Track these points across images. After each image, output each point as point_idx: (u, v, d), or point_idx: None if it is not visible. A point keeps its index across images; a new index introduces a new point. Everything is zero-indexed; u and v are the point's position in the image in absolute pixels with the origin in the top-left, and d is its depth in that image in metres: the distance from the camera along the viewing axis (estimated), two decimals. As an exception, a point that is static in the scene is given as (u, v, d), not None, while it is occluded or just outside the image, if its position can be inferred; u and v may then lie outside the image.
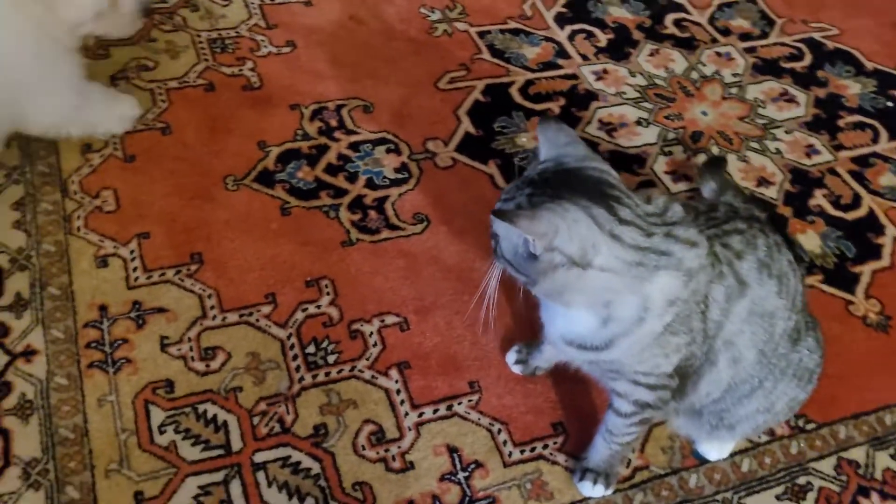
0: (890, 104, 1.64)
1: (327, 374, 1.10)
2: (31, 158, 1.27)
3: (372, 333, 1.16)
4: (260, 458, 1.02)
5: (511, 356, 1.15)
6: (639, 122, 1.52)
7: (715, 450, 1.09)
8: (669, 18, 1.75)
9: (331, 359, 1.12)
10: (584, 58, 1.62)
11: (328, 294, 1.19)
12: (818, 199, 1.45)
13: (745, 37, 1.74)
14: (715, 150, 1.48)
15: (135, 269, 1.17)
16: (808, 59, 1.71)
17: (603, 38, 1.67)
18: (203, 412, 1.05)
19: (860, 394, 1.20)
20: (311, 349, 1.12)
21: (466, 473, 1.04)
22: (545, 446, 1.08)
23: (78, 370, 1.06)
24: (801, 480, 1.10)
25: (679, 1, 1.79)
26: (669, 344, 0.84)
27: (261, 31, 1.55)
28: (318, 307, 1.17)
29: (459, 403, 1.10)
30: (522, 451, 1.07)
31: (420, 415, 1.08)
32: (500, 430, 1.09)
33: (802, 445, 1.13)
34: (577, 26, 1.69)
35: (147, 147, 1.32)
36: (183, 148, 1.33)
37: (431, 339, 1.16)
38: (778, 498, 1.08)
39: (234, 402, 1.06)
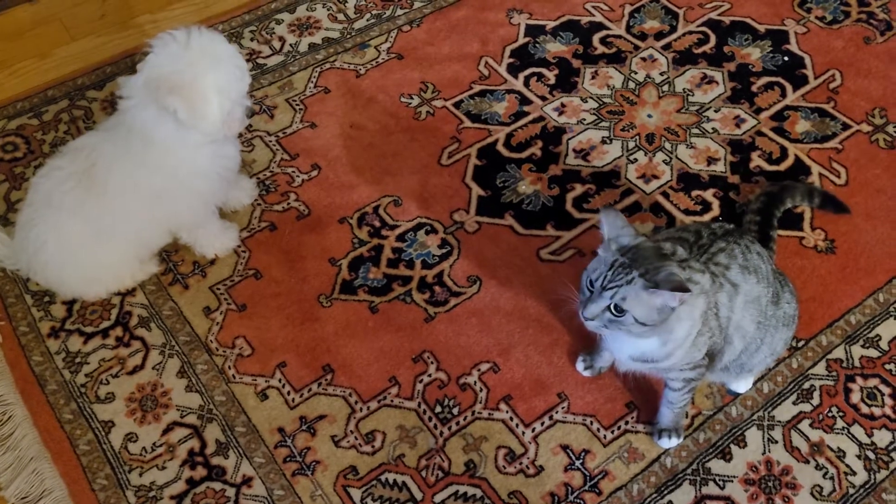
0: (786, 58, 2.04)
1: (457, 423, 1.49)
2: (172, 333, 1.62)
3: (475, 382, 1.54)
4: (438, 499, 1.41)
5: (580, 365, 1.54)
6: (603, 142, 1.90)
7: (742, 385, 1.50)
8: (596, 38, 2.11)
9: (455, 411, 1.51)
10: (543, 98, 1.99)
11: (432, 363, 1.57)
12: (756, 160, 1.85)
13: (659, 35, 2.11)
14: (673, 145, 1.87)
15: (288, 393, 1.54)
16: (713, 40, 2.09)
17: (551, 76, 2.04)
18: (386, 480, 1.43)
19: (829, 306, 1.62)
20: (438, 409, 1.51)
21: (581, 461, 1.45)
22: (626, 422, 1.49)
23: (286, 481, 1.43)
24: (806, 385, 1.52)
25: (598, 21, 2.15)
26: (700, 342, 1.24)
27: (288, 164, 1.88)
28: (430, 375, 1.55)
29: (556, 412, 1.50)
30: (612, 431, 1.48)
31: (533, 430, 1.48)
32: (591, 422, 1.49)
33: (800, 360, 1.55)
34: (527, 71, 2.05)
35: (250, 293, 1.68)
36: (276, 285, 1.69)
37: (518, 372, 1.55)
38: (794, 403, 1.50)
39: (403, 466, 1.45)
